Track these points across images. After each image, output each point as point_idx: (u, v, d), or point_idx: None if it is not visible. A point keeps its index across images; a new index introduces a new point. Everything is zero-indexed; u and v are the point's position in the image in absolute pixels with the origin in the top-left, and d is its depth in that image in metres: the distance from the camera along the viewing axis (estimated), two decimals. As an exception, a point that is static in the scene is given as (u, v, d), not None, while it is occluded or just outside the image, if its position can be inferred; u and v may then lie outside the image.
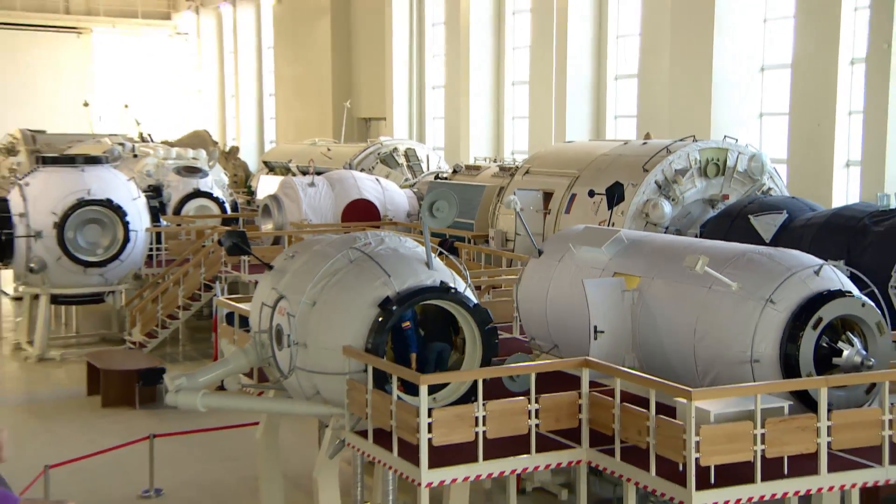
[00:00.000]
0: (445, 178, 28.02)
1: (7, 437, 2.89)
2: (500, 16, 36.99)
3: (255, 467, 14.37)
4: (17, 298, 27.18)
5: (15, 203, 24.06)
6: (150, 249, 25.29)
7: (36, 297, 24.49)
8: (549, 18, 32.80)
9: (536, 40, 33.75)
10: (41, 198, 23.94)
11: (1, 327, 27.15)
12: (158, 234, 25.86)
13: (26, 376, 22.64)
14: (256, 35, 55.26)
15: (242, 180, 37.40)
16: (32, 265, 23.89)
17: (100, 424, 18.71)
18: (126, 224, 24.10)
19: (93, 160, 25.61)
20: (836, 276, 11.62)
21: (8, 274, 26.04)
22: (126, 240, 24.12)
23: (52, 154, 28.28)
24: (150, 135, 40.10)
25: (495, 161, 30.41)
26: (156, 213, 26.59)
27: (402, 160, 33.05)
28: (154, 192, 27.82)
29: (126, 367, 20.52)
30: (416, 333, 12.83)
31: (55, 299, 24.68)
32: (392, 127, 42.02)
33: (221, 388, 14.14)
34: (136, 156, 32.10)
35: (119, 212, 24.07)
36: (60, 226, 23.71)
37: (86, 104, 48.23)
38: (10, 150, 42.76)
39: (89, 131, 42.18)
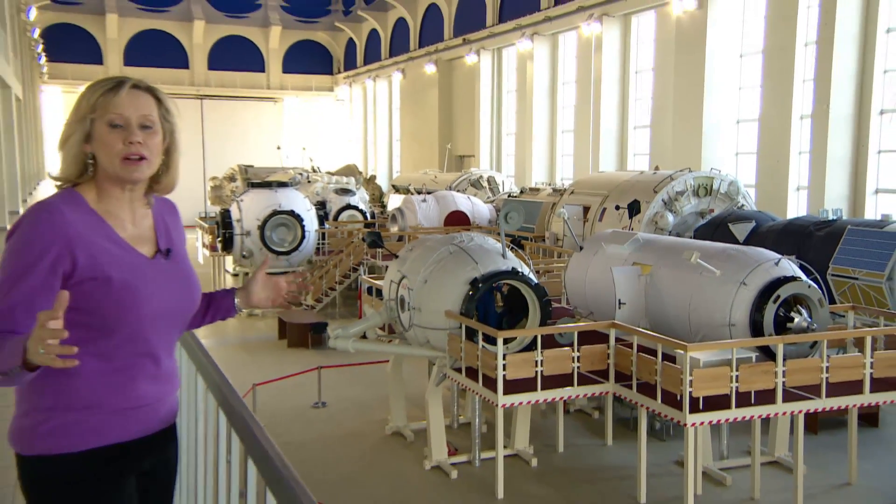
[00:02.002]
0: (515, 196, 27.93)
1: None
2: (553, 85, 36.83)
3: (386, 390, 14.45)
4: (235, 275, 27.63)
5: (234, 212, 24.51)
6: (318, 244, 25.58)
7: (247, 274, 24.97)
8: (588, 86, 32.62)
9: (579, 101, 33.56)
10: (250, 209, 24.33)
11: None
12: (323, 234, 26.09)
13: (240, 326, 22.99)
14: (388, 100, 55.53)
15: (378, 198, 37.67)
16: (244, 253, 24.35)
17: (286, 358, 18.94)
18: (303, 227, 24.37)
19: (282, 184, 26.00)
20: (790, 267, 11.52)
21: (229, 259, 26.51)
22: (303, 237, 24.38)
23: (257, 181, 28.74)
24: (318, 167, 40.46)
25: (550, 185, 30.29)
26: (321, 219, 26.86)
27: (485, 184, 33.03)
28: (320, 206, 28.10)
29: (303, 321, 20.78)
30: (494, 303, 12.87)
31: (258, 276, 25.12)
32: (479, 161, 41.99)
33: (364, 336, 14.30)
34: (309, 182, 32.43)
35: (298, 219, 24.35)
36: (262, 227, 24.08)
37: (278, 148, 48.72)
38: (231, 178, 43.64)
39: (280, 166, 42.71)
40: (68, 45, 54.04)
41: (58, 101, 55.14)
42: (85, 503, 2.71)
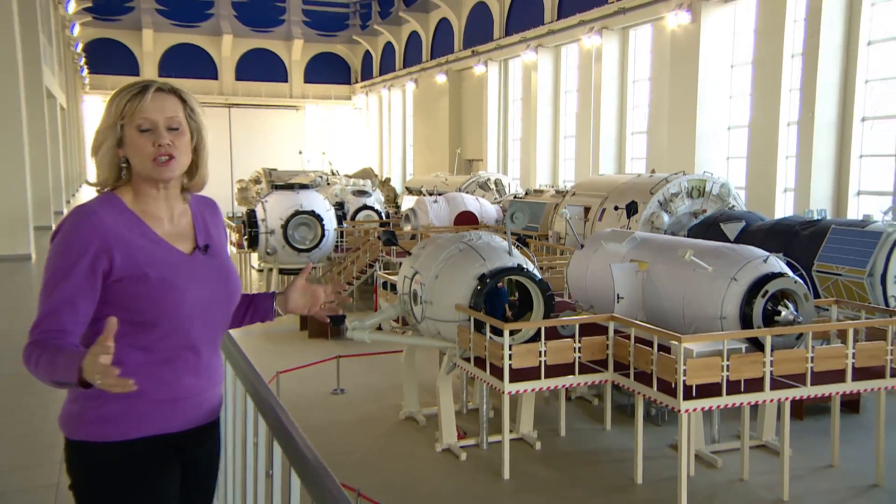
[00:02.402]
0: (521, 198, 27.90)
1: None
2: (556, 93, 36.79)
3: (400, 378, 14.48)
4: (260, 270, 27.66)
5: (259, 213, 24.52)
6: (337, 242, 25.58)
7: (270, 269, 24.98)
8: (588, 95, 32.56)
9: (580, 109, 33.49)
10: (274, 209, 24.33)
11: (251, 288, 27.58)
12: (341, 233, 26.07)
13: (264, 318, 23.08)
14: (402, 107, 55.51)
15: (392, 199, 37.64)
16: (268, 250, 24.38)
17: (307, 348, 18.98)
18: (323, 226, 24.36)
19: (304, 187, 25.93)
20: (777, 263, 11.47)
21: (255, 255, 26.55)
22: (322, 235, 24.37)
23: (281, 183, 28.71)
24: (337, 171, 40.54)
25: (553, 187, 30.26)
26: (340, 219, 26.85)
27: (492, 186, 32.98)
28: (339, 207, 28.06)
29: (295, 277, 20.81)
30: (502, 297, 12.88)
31: (281, 271, 25.10)
32: (486, 164, 41.97)
33: (380, 328, 14.32)
34: (328, 184, 32.43)
35: (319, 218, 24.33)
36: (284, 226, 24.08)
37: (300, 152, 48.87)
38: (257, 181, 43.68)
39: (302, 169, 42.75)
40: (108, 58, 54.33)
41: (98, 110, 55.42)
42: (125, 490, 2.69)
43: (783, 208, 23.41)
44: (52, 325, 2.52)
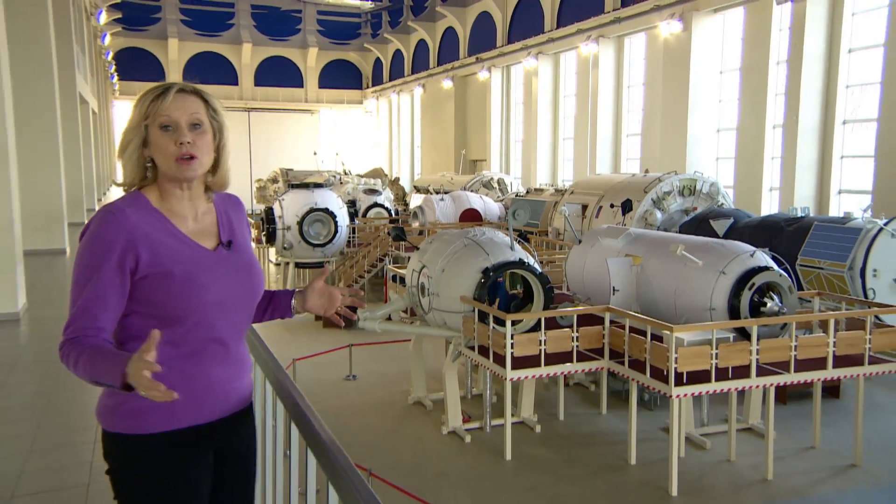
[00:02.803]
0: (522, 196, 27.87)
1: None
2: (556, 98, 36.74)
3: (409, 365, 14.50)
4: (277, 264, 27.63)
5: (276, 210, 24.42)
6: (349, 237, 25.50)
7: (287, 263, 24.94)
8: (586, 99, 32.50)
9: (579, 112, 33.44)
10: (290, 207, 24.23)
11: (269, 280, 27.62)
12: (354, 229, 26.01)
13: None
14: (410, 111, 55.46)
15: (401, 197, 37.53)
16: (285, 245, 24.31)
17: (322, 337, 18.97)
18: (336, 222, 24.27)
19: (318, 185, 25.82)
20: (763, 258, 11.43)
21: (272, 250, 26.53)
22: (336, 231, 24.28)
23: (297, 182, 28.66)
24: (349, 171, 40.50)
25: (552, 186, 30.19)
26: (352, 216, 26.80)
27: (495, 185, 32.89)
28: (351, 204, 28.03)
29: (314, 278, 20.70)
30: (504, 290, 12.87)
31: (297, 265, 25.09)
32: (490, 165, 41.95)
33: (389, 319, 14.32)
34: (341, 183, 32.31)
35: (332, 215, 24.24)
36: (300, 223, 24.01)
37: (315, 153, 48.82)
38: (274, 180, 43.60)
39: (316, 169, 42.72)
40: (136, 65, 54.49)
41: (127, 114, 55.55)
42: (157, 478, 2.66)
43: (769, 206, 23.39)
44: (86, 322, 2.50)
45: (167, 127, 2.61)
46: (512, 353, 10.96)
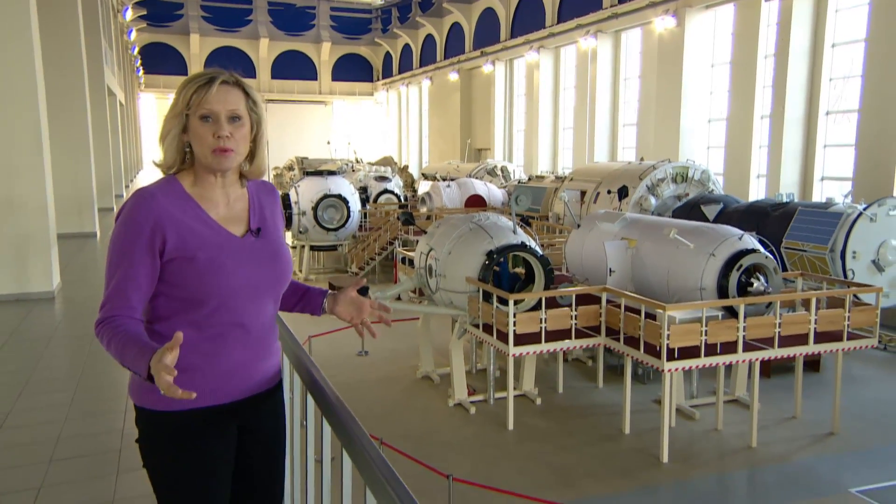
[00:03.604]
0: (524, 183, 27.82)
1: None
2: (556, 89, 36.60)
3: (417, 342, 14.56)
4: (293, 247, 27.65)
5: (292, 196, 24.34)
6: (361, 222, 25.45)
7: (303, 246, 24.98)
8: (585, 91, 32.40)
9: (578, 103, 33.34)
10: (305, 193, 24.20)
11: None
12: (365, 214, 25.93)
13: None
14: (419, 102, 55.28)
15: (410, 184, 37.41)
16: (301, 229, 24.31)
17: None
18: (348, 208, 24.24)
19: (331, 173, 25.77)
20: (751, 241, 11.44)
21: (289, 234, 26.50)
22: (348, 216, 24.25)
23: (311, 170, 28.60)
24: (361, 159, 40.40)
25: (553, 173, 30.15)
26: (364, 202, 26.75)
27: (499, 172, 32.79)
28: (363, 191, 27.96)
29: (348, 286, 20.70)
30: (507, 270, 12.89)
31: (312, 248, 25.13)
32: (494, 153, 41.90)
33: (399, 298, 14.36)
34: (353, 171, 32.24)
35: (345, 201, 24.22)
36: (315, 208, 23.99)
37: (328, 143, 48.79)
38: (290, 168, 43.48)
39: (330, 157, 42.69)
40: (160, 59, 54.48)
41: (152, 105, 55.64)
42: (181, 452, 2.64)
43: (756, 192, 23.32)
44: (120, 302, 2.50)
45: (207, 118, 2.56)
46: (514, 331, 11.00)
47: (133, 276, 2.51)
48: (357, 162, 38.57)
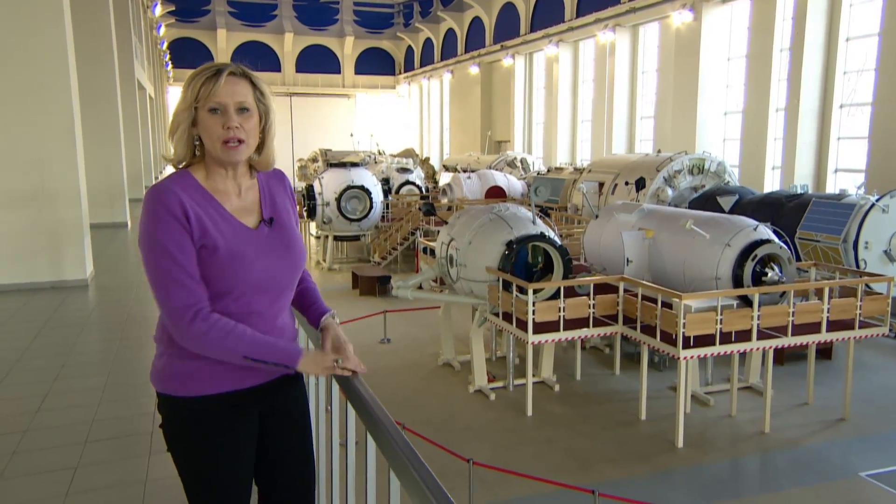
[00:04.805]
0: (543, 174, 27.73)
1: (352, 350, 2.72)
2: (575, 83, 36.44)
3: (439, 330, 14.57)
4: (317, 237, 27.71)
5: (316, 187, 24.27)
6: (383, 213, 25.40)
7: (327, 237, 25.00)
8: (603, 84, 32.26)
9: (596, 96, 33.21)
10: (329, 184, 24.14)
11: (311, 252, 27.77)
12: (387, 205, 25.87)
13: (322, 278, 23.08)
14: (440, 95, 55.21)
15: (431, 175, 37.34)
16: (325, 220, 24.29)
17: (358, 304, 19.03)
18: (371, 199, 24.16)
19: (354, 164, 25.69)
20: (766, 231, 11.34)
21: (313, 224, 26.52)
22: (371, 207, 24.16)
23: (335, 161, 28.59)
24: (383, 151, 40.38)
25: (571, 165, 30.04)
26: (386, 193, 26.71)
27: (518, 164, 32.62)
28: (385, 182, 27.88)
29: (371, 275, 20.61)
30: (527, 261, 12.85)
31: (336, 238, 25.17)
32: (514, 145, 41.80)
33: (420, 287, 14.35)
34: (376, 162, 32.18)
35: (368, 192, 24.14)
36: (338, 199, 23.94)
37: (351, 135, 48.77)
38: (314, 160, 43.52)
39: (353, 149, 42.74)
40: (188, 54, 54.68)
41: (178, 95, 56.06)
42: (202, 437, 2.64)
43: (771, 184, 23.16)
44: (195, 296, 2.49)
45: (216, 110, 2.53)
46: (533, 319, 10.98)
47: (186, 267, 2.49)
48: (379, 154, 38.56)
